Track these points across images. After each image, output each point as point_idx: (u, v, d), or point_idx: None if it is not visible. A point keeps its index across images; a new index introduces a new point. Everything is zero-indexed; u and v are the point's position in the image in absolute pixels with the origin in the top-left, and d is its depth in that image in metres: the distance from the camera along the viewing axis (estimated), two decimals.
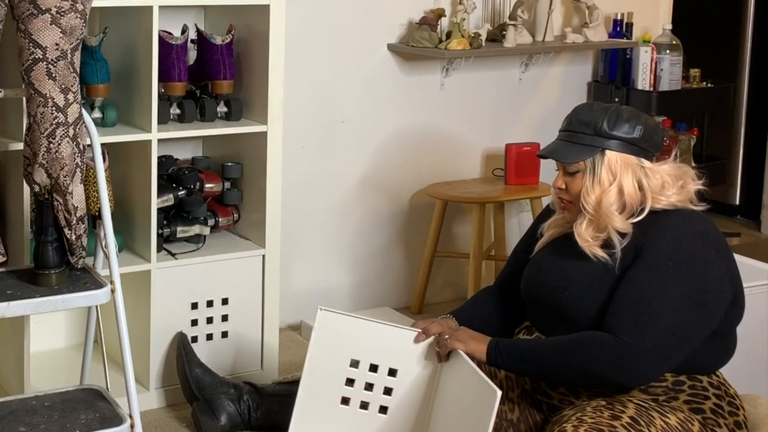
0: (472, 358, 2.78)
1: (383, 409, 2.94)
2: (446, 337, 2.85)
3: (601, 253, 2.74)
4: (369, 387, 2.94)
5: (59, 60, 2.84)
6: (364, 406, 2.94)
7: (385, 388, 2.93)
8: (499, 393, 2.56)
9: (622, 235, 2.74)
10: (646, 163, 2.77)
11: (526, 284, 2.94)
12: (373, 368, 2.93)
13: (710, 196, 2.90)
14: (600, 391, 2.77)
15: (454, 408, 2.81)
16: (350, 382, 2.94)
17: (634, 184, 2.76)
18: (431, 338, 2.91)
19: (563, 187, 2.82)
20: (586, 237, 2.76)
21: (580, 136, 2.77)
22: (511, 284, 3.05)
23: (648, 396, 2.73)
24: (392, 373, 2.92)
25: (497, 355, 2.77)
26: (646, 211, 2.75)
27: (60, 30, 2.82)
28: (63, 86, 2.85)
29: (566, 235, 2.86)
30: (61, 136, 2.86)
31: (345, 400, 2.95)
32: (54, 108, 2.85)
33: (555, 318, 2.83)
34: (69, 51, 2.85)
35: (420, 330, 2.93)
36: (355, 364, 2.93)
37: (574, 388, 2.81)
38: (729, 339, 2.83)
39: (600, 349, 2.66)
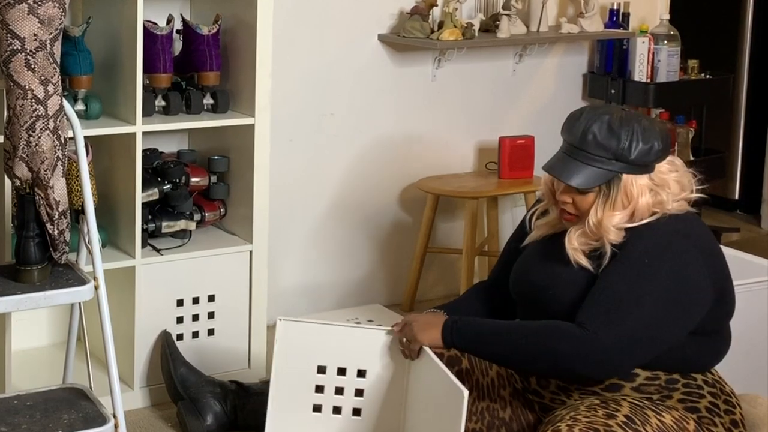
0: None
1: (356, 411, 2.93)
2: (404, 339, 2.83)
3: (584, 262, 2.72)
4: (339, 391, 2.92)
5: (38, 51, 2.81)
6: (337, 410, 2.93)
7: (356, 390, 2.92)
8: (467, 393, 2.54)
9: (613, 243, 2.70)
10: (656, 178, 2.72)
11: (514, 282, 2.92)
12: (341, 372, 2.91)
13: (709, 190, 2.85)
14: (592, 390, 2.74)
15: (425, 408, 2.80)
16: (319, 389, 2.92)
17: (648, 203, 2.72)
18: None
19: (569, 201, 2.75)
20: (575, 244, 2.73)
21: (597, 159, 2.69)
22: (502, 280, 3.02)
23: (641, 395, 2.71)
24: (361, 374, 2.91)
25: (452, 335, 2.74)
26: (646, 220, 2.71)
27: (38, 20, 2.79)
28: (42, 78, 2.82)
29: (556, 234, 2.83)
30: (41, 129, 2.83)
31: (317, 408, 2.93)
32: (33, 100, 2.82)
33: (542, 316, 2.80)
34: (48, 41, 2.83)
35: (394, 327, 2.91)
36: (322, 370, 2.91)
37: (545, 377, 2.78)
38: (720, 337, 2.81)
39: (563, 339, 2.63)
